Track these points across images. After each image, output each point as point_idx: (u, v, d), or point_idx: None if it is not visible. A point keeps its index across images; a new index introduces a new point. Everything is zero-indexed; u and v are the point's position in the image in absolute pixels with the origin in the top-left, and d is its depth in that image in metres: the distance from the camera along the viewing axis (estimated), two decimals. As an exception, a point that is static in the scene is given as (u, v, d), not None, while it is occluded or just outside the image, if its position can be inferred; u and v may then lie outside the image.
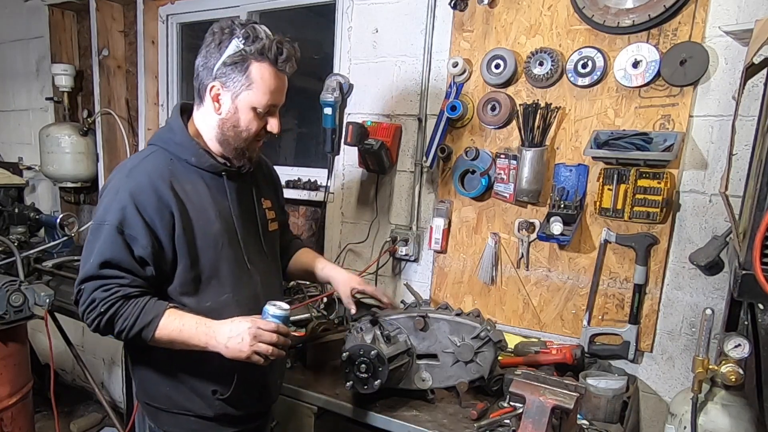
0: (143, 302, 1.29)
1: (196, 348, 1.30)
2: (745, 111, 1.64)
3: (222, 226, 1.39)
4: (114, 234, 1.26)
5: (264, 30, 1.30)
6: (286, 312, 1.31)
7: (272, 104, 1.34)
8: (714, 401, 1.41)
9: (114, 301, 1.27)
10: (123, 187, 1.29)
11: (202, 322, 1.30)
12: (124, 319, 1.27)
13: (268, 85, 1.31)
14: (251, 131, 1.36)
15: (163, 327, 1.28)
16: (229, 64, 1.29)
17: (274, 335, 1.28)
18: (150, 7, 3.08)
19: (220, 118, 1.35)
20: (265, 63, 1.29)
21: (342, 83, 2.08)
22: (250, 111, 1.33)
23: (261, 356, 1.28)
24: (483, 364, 1.63)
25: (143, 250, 1.28)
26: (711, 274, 1.71)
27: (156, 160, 1.36)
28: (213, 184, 1.40)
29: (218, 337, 1.28)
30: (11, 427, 2.09)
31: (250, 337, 1.26)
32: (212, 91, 1.33)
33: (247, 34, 1.27)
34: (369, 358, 1.54)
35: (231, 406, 1.44)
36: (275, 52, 1.28)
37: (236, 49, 1.28)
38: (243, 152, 1.40)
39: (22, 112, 3.71)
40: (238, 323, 1.29)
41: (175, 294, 1.36)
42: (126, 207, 1.27)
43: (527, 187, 1.92)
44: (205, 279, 1.38)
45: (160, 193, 1.30)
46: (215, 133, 1.38)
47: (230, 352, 1.27)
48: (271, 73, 1.30)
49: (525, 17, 1.97)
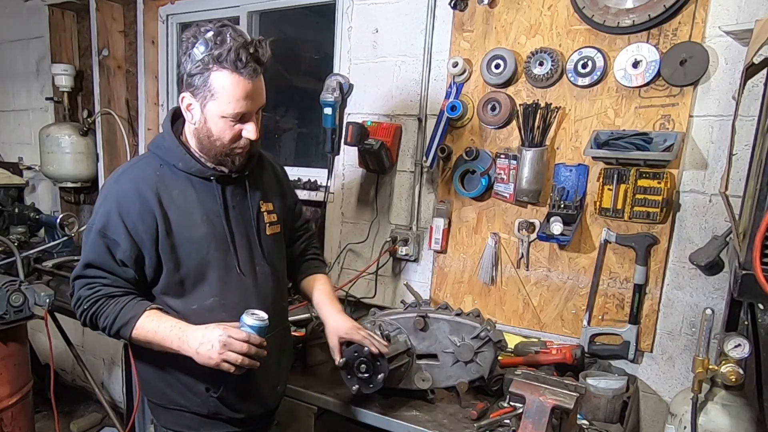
0: (124, 302, 1.33)
1: (171, 351, 1.31)
2: (745, 111, 1.64)
3: (209, 230, 1.38)
4: (97, 238, 1.33)
5: (231, 33, 1.24)
6: (262, 323, 1.29)
7: (241, 112, 1.29)
8: (714, 401, 1.41)
9: (96, 299, 1.33)
10: (111, 194, 1.35)
11: (177, 325, 1.31)
12: (105, 316, 1.33)
13: (231, 93, 1.26)
14: (225, 140, 1.33)
15: (139, 327, 1.31)
16: (193, 74, 1.26)
17: (244, 345, 1.26)
18: (150, 7, 3.08)
19: (195, 127, 1.35)
20: (224, 71, 1.24)
21: (342, 83, 2.08)
22: (219, 120, 1.30)
23: (231, 365, 1.27)
24: (483, 364, 1.63)
25: (123, 254, 1.32)
26: (711, 274, 1.71)
27: (145, 165, 1.39)
28: (202, 188, 1.40)
29: (190, 342, 1.28)
30: (11, 427, 2.09)
31: (219, 345, 1.25)
32: (184, 102, 1.32)
33: (211, 39, 1.23)
34: (365, 356, 1.53)
35: (225, 406, 1.44)
36: (233, 58, 1.23)
37: (199, 57, 1.24)
38: (225, 159, 1.38)
39: (22, 112, 3.71)
40: (210, 330, 1.28)
41: (162, 295, 1.38)
42: (110, 212, 1.32)
43: (527, 187, 1.92)
44: (190, 283, 1.38)
45: (144, 199, 1.32)
46: (194, 141, 1.38)
47: (200, 358, 1.27)
48: (233, 80, 1.25)
49: (525, 17, 1.97)
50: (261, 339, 1.29)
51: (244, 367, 1.28)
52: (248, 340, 1.27)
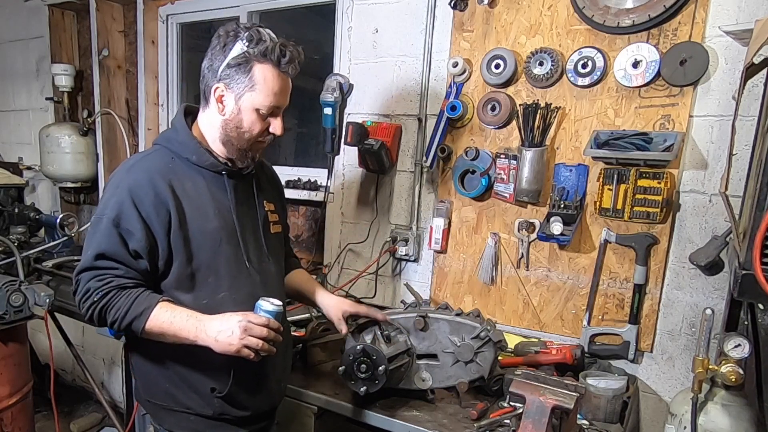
0: (137, 293, 1.30)
1: (187, 341, 1.30)
2: (745, 111, 1.64)
3: (220, 224, 1.39)
4: (110, 227, 1.30)
5: (268, 33, 1.32)
6: (278, 308, 1.30)
7: (275, 106, 1.35)
8: (714, 401, 1.41)
9: (108, 290, 1.29)
10: (122, 183, 1.33)
11: (194, 315, 1.30)
12: (116, 309, 1.29)
13: (271, 86, 1.32)
14: (254, 132, 1.37)
15: (154, 318, 1.29)
16: (232, 66, 1.31)
17: (264, 329, 1.27)
18: (150, 7, 3.08)
19: (224, 119, 1.37)
20: (268, 65, 1.31)
21: (342, 83, 2.08)
22: (252, 112, 1.35)
23: (252, 350, 1.27)
24: (483, 364, 1.63)
25: (137, 243, 1.30)
26: (711, 274, 1.72)
27: (157, 158, 1.39)
28: (213, 182, 1.41)
29: (208, 330, 1.28)
30: (11, 427, 2.09)
31: (240, 330, 1.25)
32: (216, 93, 1.34)
33: (251, 36, 1.29)
34: (362, 356, 1.53)
35: (230, 405, 1.43)
36: (278, 54, 1.30)
37: (240, 51, 1.30)
38: (246, 153, 1.41)
39: (22, 112, 3.71)
40: (228, 317, 1.29)
41: (172, 290, 1.37)
42: (123, 202, 1.30)
43: (527, 187, 1.92)
44: (201, 276, 1.38)
45: (158, 190, 1.32)
46: (219, 134, 1.40)
47: (220, 345, 1.27)
48: (274, 74, 1.32)
49: (525, 17, 1.97)
50: (278, 324, 1.31)
51: (262, 354, 1.29)
52: (268, 324, 1.28)
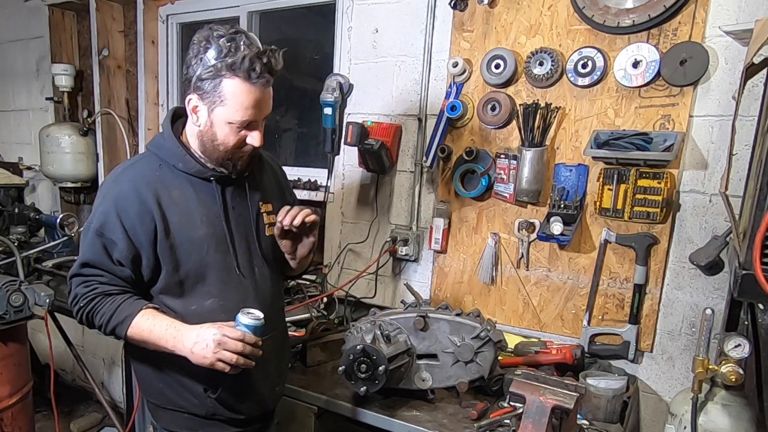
0: (120, 300, 1.32)
1: (166, 350, 1.31)
2: (745, 111, 1.64)
3: (209, 231, 1.38)
4: (94, 237, 1.33)
5: (245, 40, 1.24)
6: (257, 321, 1.27)
7: (248, 120, 1.30)
8: (714, 401, 1.41)
9: (93, 296, 1.33)
10: (109, 193, 1.35)
11: (173, 325, 1.30)
12: (101, 315, 1.32)
13: (241, 101, 1.27)
14: (229, 145, 1.33)
15: (135, 326, 1.30)
16: (203, 79, 1.26)
17: (239, 344, 1.25)
18: (150, 7, 3.08)
19: (199, 130, 1.35)
20: (237, 79, 1.25)
21: (342, 83, 2.08)
22: (226, 125, 1.30)
23: (226, 364, 1.26)
24: (483, 364, 1.63)
25: (120, 253, 1.32)
26: (711, 274, 1.71)
27: (145, 165, 1.38)
28: (201, 189, 1.39)
29: (185, 341, 1.27)
30: (11, 427, 2.09)
31: (213, 344, 1.24)
32: (191, 104, 1.32)
33: (221, 47, 1.23)
34: (362, 356, 1.53)
35: (223, 407, 1.44)
36: (247, 67, 1.23)
37: (210, 63, 1.24)
38: (226, 162, 1.38)
39: (22, 112, 3.71)
40: (205, 329, 1.27)
41: (161, 296, 1.38)
42: (108, 212, 1.32)
43: (527, 187, 1.92)
44: (189, 283, 1.38)
45: (143, 199, 1.32)
46: (197, 143, 1.38)
47: (195, 357, 1.26)
48: (244, 89, 1.26)
49: (525, 17, 1.97)
50: (256, 338, 1.28)
51: (239, 367, 1.27)
52: (243, 339, 1.26)
